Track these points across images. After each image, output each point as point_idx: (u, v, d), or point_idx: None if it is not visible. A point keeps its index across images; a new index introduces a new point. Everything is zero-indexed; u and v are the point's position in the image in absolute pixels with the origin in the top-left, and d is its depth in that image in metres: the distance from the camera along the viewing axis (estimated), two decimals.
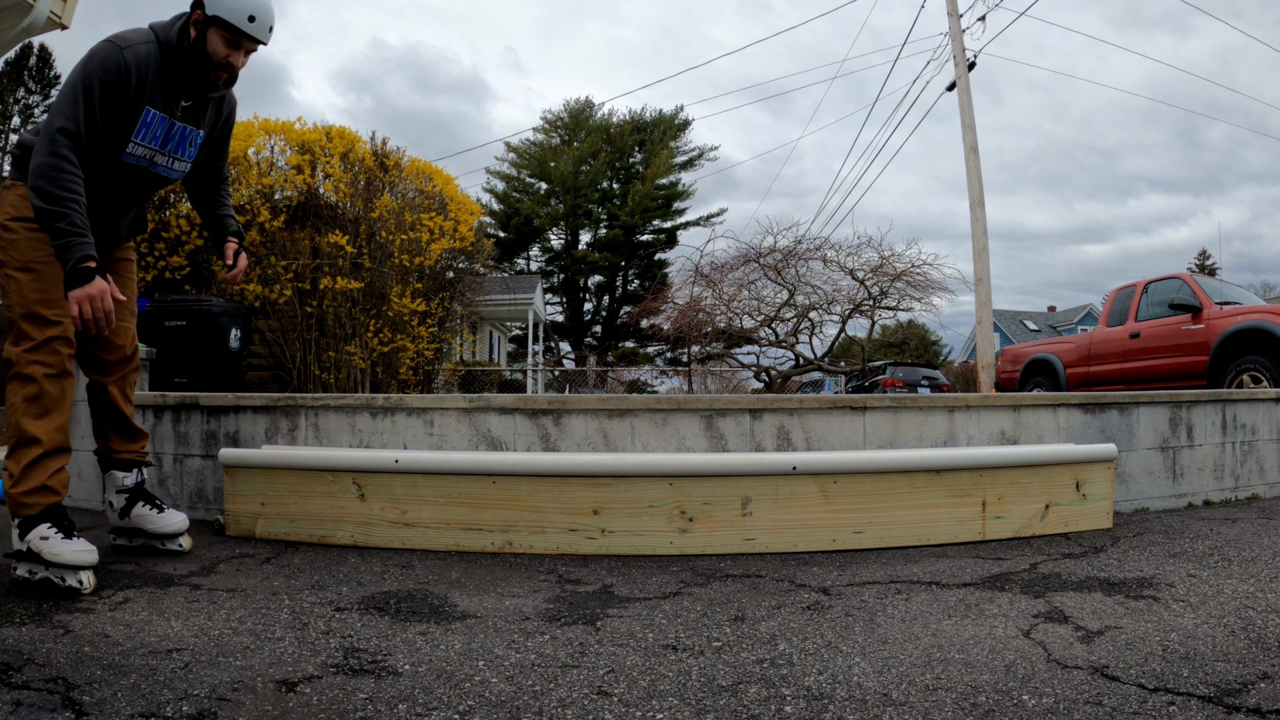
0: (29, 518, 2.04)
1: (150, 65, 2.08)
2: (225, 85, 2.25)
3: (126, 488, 2.48)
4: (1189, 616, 1.77)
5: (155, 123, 2.16)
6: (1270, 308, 6.28)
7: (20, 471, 2.04)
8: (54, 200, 1.96)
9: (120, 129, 2.10)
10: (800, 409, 2.98)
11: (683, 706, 1.34)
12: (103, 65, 2.01)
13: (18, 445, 2.05)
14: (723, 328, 15.62)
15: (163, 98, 2.15)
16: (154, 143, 2.19)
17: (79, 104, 1.99)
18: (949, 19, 11.12)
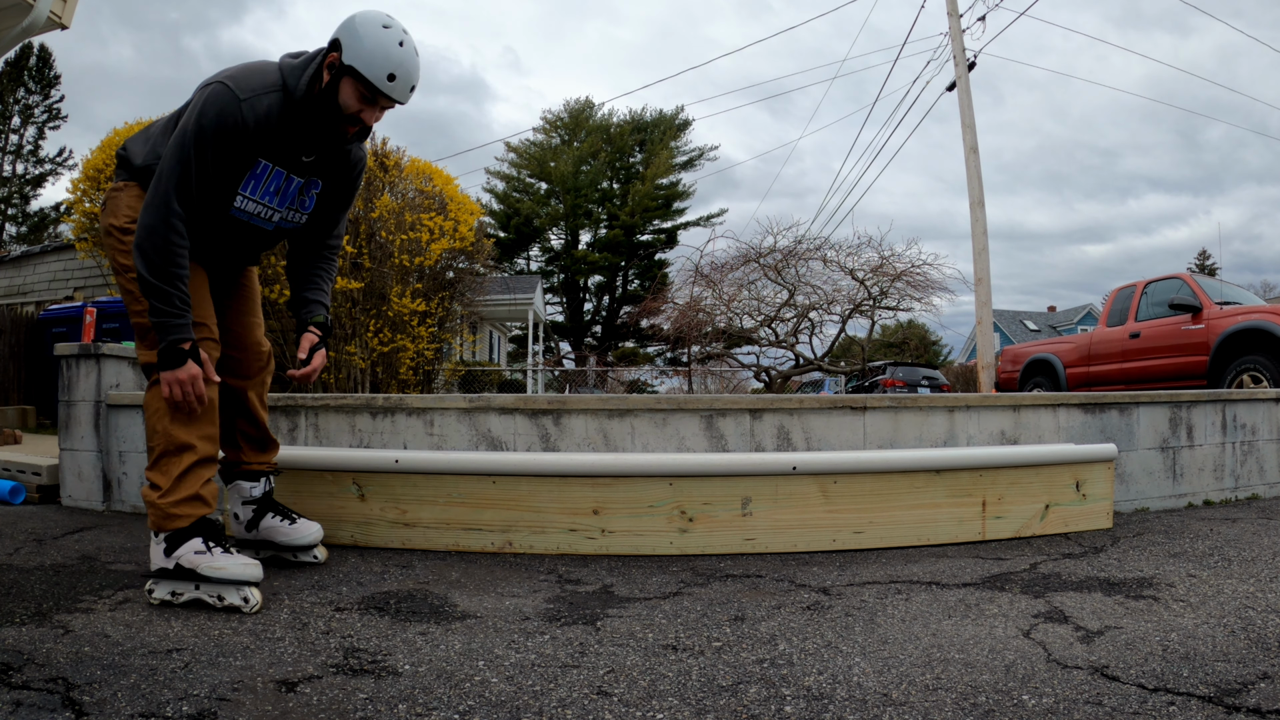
0: (179, 531, 1.89)
1: (272, 119, 1.91)
2: (355, 139, 2.05)
3: (254, 498, 2.31)
4: (1189, 616, 1.77)
5: (269, 176, 1.99)
6: (1270, 308, 6.28)
7: (171, 481, 1.90)
8: (159, 274, 1.84)
9: (229, 181, 1.94)
10: (800, 409, 2.98)
11: (683, 706, 1.33)
12: (218, 119, 1.85)
13: (166, 453, 1.92)
14: (723, 328, 15.62)
15: (283, 151, 1.98)
16: (266, 198, 2.02)
17: (190, 161, 1.85)
18: (949, 19, 11.12)
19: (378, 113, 1.98)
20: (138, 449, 3.33)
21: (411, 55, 1.93)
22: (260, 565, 1.93)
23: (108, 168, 6.25)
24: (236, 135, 1.87)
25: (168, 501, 1.89)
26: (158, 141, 2.00)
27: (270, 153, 1.96)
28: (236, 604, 1.88)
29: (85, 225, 6.49)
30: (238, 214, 2.01)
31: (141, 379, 3.62)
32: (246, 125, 1.87)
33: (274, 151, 1.97)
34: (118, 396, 3.38)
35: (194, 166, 1.86)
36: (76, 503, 3.38)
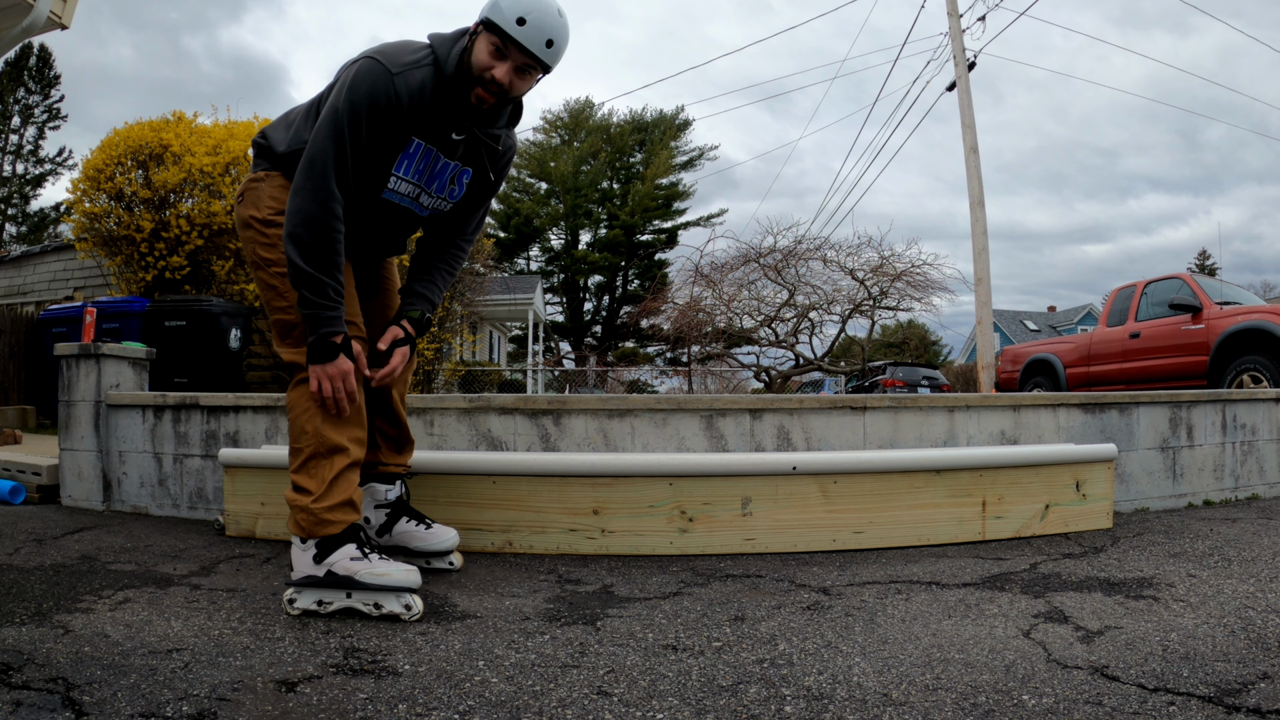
0: (331, 538, 1.81)
1: (426, 93, 1.80)
2: (492, 109, 1.87)
3: (388, 502, 2.20)
4: (1189, 616, 1.77)
5: (420, 156, 1.89)
6: (1270, 308, 6.28)
7: (325, 485, 1.82)
8: (316, 262, 1.75)
9: (382, 162, 1.86)
10: (800, 409, 2.98)
11: (683, 706, 1.33)
12: (370, 94, 1.75)
13: (316, 455, 1.83)
14: (723, 328, 15.62)
15: (434, 128, 1.87)
16: (417, 178, 1.93)
17: (344, 140, 1.76)
18: (949, 19, 11.13)
19: (512, 73, 1.79)
20: (137, 449, 3.33)
21: (551, 9, 1.76)
22: (419, 571, 1.85)
23: (108, 168, 6.25)
24: (390, 111, 1.77)
25: (322, 506, 1.81)
26: (300, 127, 1.92)
27: (423, 130, 1.85)
28: (397, 611, 1.80)
29: (85, 225, 6.48)
30: (390, 196, 1.92)
31: (141, 379, 3.62)
32: (400, 100, 1.77)
33: (426, 129, 1.85)
34: (118, 396, 3.38)
35: (349, 145, 1.76)
36: (76, 503, 3.38)
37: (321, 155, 1.76)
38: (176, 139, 6.23)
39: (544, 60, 1.79)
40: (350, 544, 1.83)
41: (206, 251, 6.31)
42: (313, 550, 1.82)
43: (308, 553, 1.83)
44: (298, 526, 1.83)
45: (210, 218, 6.13)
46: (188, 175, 6.11)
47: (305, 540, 1.83)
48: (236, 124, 6.55)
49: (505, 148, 2.08)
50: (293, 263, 1.77)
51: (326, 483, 1.82)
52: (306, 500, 1.82)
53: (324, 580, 1.81)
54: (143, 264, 6.32)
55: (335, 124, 1.76)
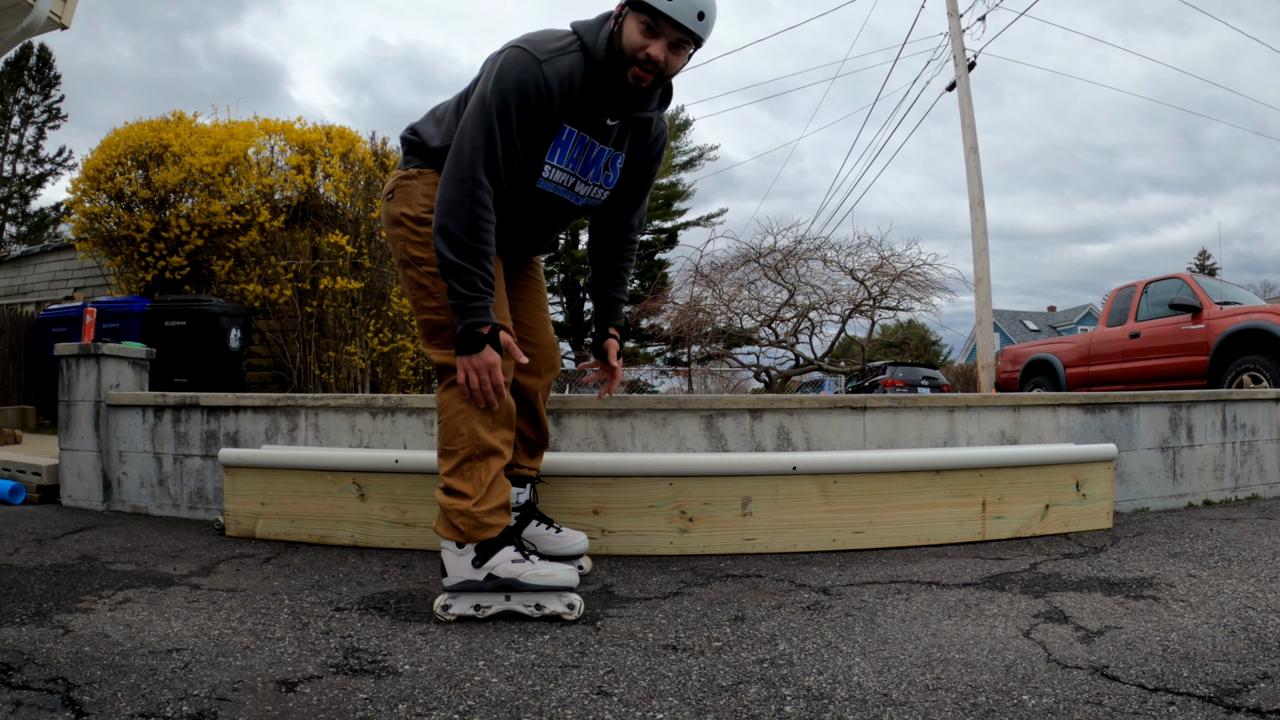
0: (490, 541, 1.80)
1: (575, 79, 1.77)
2: (646, 90, 1.83)
3: (519, 505, 2.16)
4: (1189, 616, 1.77)
5: (573, 143, 1.86)
6: (1270, 308, 6.28)
7: (484, 489, 1.80)
8: (464, 252, 1.73)
9: (535, 152, 1.83)
10: (800, 409, 2.98)
11: (683, 706, 1.33)
12: (518, 84, 1.72)
13: (472, 458, 1.80)
14: (723, 328, 15.62)
15: (585, 114, 1.84)
16: (571, 166, 1.89)
17: (494, 129, 1.74)
18: (949, 19, 11.13)
19: (666, 50, 1.75)
20: (138, 449, 3.33)
21: None
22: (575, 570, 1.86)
23: (108, 168, 6.24)
24: (539, 98, 1.74)
25: (482, 510, 1.79)
26: (451, 121, 1.90)
27: (574, 116, 1.82)
28: (560, 611, 1.80)
29: (85, 225, 6.48)
30: (545, 185, 1.89)
31: (141, 379, 3.62)
32: (549, 87, 1.74)
33: (577, 115, 1.82)
34: (118, 396, 3.38)
35: (499, 135, 1.74)
36: (76, 503, 3.38)
37: (469, 145, 1.74)
38: (176, 139, 6.23)
39: (696, 33, 1.76)
40: (509, 546, 1.82)
41: (206, 251, 6.30)
42: (471, 554, 1.79)
43: (465, 557, 1.80)
44: (455, 531, 1.80)
45: (210, 218, 6.13)
46: (188, 175, 6.11)
47: (462, 545, 1.80)
48: (236, 124, 6.54)
49: (657, 131, 2.03)
50: (440, 254, 1.75)
51: (485, 486, 1.81)
52: (466, 504, 1.79)
53: (484, 584, 1.79)
54: (143, 264, 6.32)
55: (483, 113, 1.74)
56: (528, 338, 2.10)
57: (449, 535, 1.81)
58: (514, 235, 1.98)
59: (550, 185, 1.90)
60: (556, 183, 1.90)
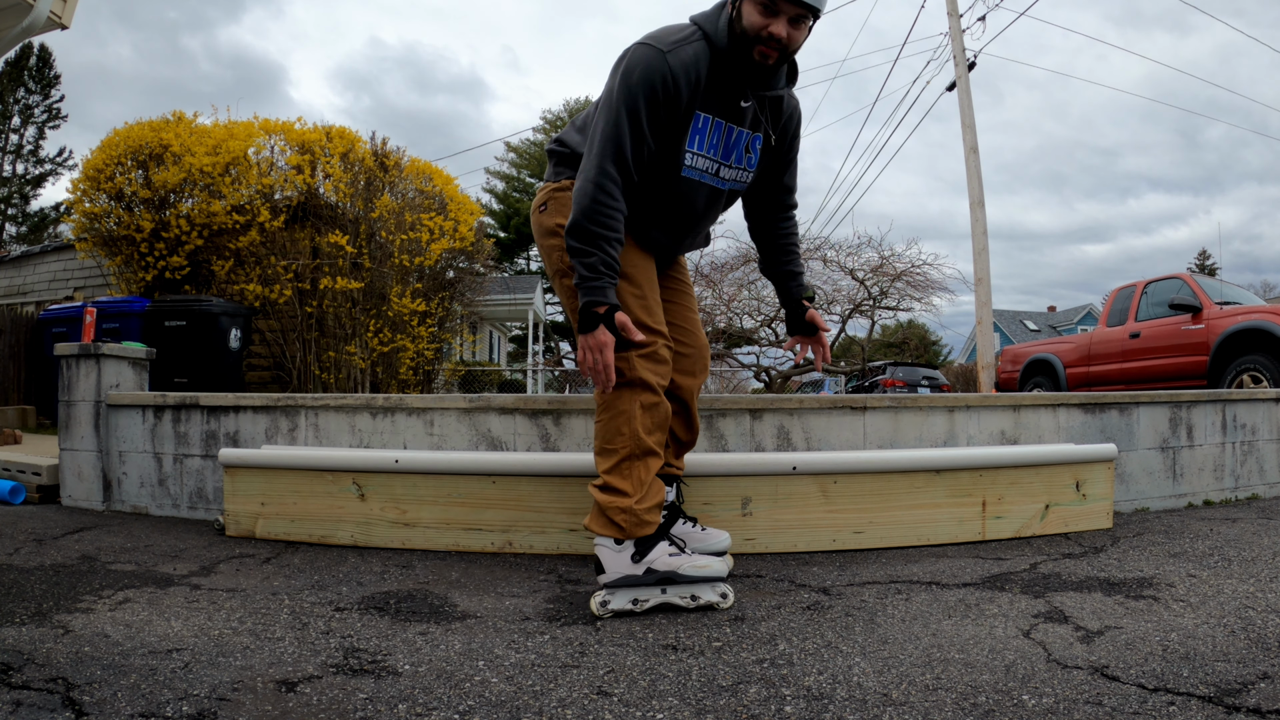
0: (647, 537, 1.85)
1: (700, 66, 1.82)
2: (776, 64, 1.85)
3: (668, 503, 2.18)
4: (1189, 616, 1.77)
5: (710, 129, 1.90)
6: (1270, 308, 6.28)
7: (644, 488, 1.87)
8: (587, 239, 1.79)
9: (673, 143, 1.87)
10: (800, 409, 2.98)
11: (683, 706, 1.33)
12: (645, 78, 1.78)
13: (633, 457, 1.86)
14: (723, 328, 15.62)
15: (717, 100, 1.88)
16: (712, 152, 1.93)
17: (622, 123, 1.79)
18: (949, 19, 11.13)
19: (786, 26, 1.78)
20: (137, 449, 3.33)
21: None
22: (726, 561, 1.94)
23: (108, 168, 6.24)
24: (666, 89, 1.79)
25: (642, 507, 1.84)
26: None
27: (706, 103, 1.87)
28: (714, 601, 1.86)
29: (85, 225, 6.48)
30: (689, 174, 1.93)
31: (141, 379, 3.62)
32: (675, 77, 1.79)
33: (708, 101, 1.87)
34: (118, 396, 3.39)
35: (627, 127, 1.79)
36: (76, 503, 3.38)
37: (599, 139, 1.81)
38: (176, 139, 6.23)
39: (814, 5, 1.79)
40: (664, 541, 1.89)
41: (206, 251, 6.30)
42: (630, 550, 1.85)
43: (624, 553, 1.85)
44: (615, 528, 1.85)
45: (210, 218, 6.13)
46: (188, 175, 6.11)
47: (621, 541, 1.85)
48: (236, 124, 6.54)
49: (790, 108, 2.06)
50: (570, 244, 1.82)
51: (645, 485, 1.87)
52: (628, 501, 1.84)
53: (642, 579, 1.85)
54: (143, 264, 6.32)
55: (612, 108, 1.80)
56: (682, 339, 2.14)
57: (607, 532, 1.86)
58: (668, 227, 2.03)
59: (694, 173, 1.94)
60: (700, 170, 1.94)
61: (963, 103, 10.84)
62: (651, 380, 1.87)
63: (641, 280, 1.95)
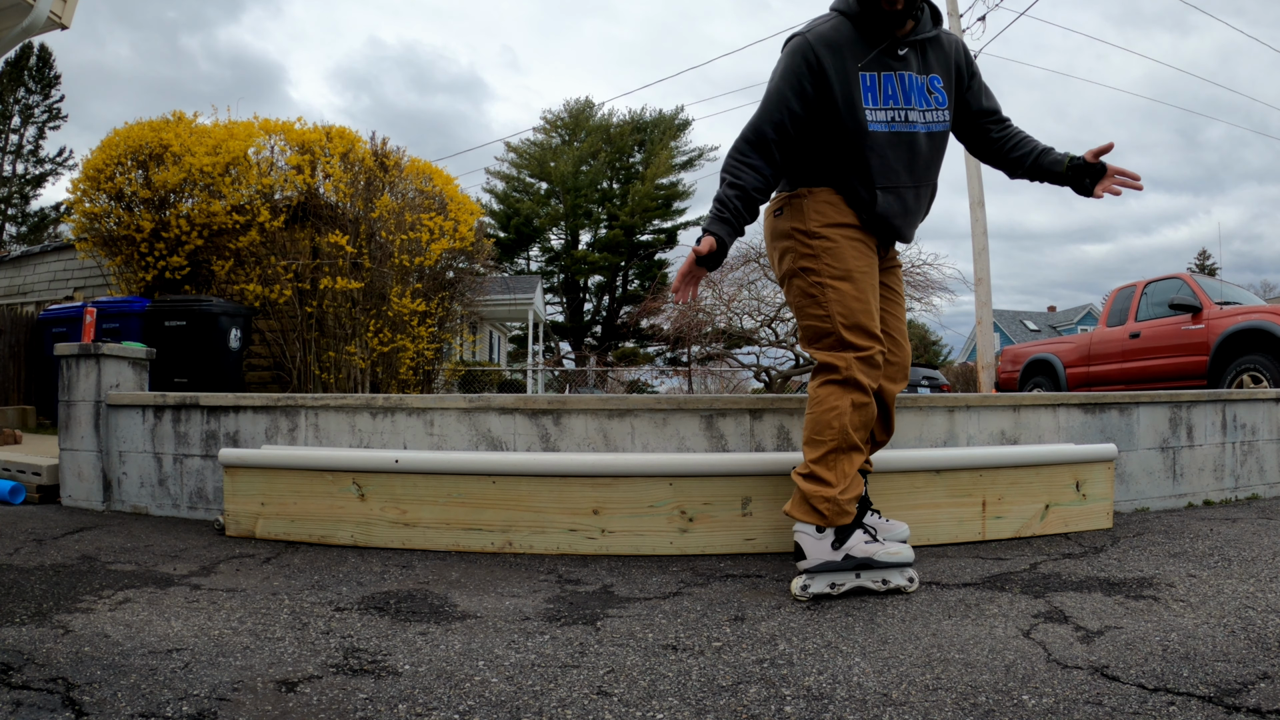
0: (846, 526, 1.98)
1: (840, 34, 2.02)
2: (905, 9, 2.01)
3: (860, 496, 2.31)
4: (1189, 616, 1.77)
5: (879, 84, 2.05)
6: (1270, 308, 6.28)
7: (847, 479, 1.99)
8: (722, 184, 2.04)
9: (849, 106, 2.02)
10: (800, 409, 2.98)
11: (683, 706, 1.33)
12: (790, 60, 2.02)
13: (839, 450, 1.99)
14: (723, 328, 15.63)
15: (874, 59, 2.04)
16: (890, 102, 2.05)
17: (783, 95, 2.01)
18: (949, 19, 11.13)
19: None
20: (138, 449, 3.33)
21: None
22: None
23: (108, 168, 6.24)
24: (808, 61, 1.99)
25: (845, 498, 1.97)
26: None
27: (866, 65, 2.03)
28: (901, 585, 2.00)
29: (85, 225, 6.47)
30: (877, 127, 2.04)
31: (141, 379, 3.62)
32: (815, 49, 1.99)
33: (868, 63, 2.03)
34: (118, 396, 3.38)
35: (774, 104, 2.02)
36: (76, 503, 3.38)
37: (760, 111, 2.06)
38: (176, 139, 6.22)
39: None
40: (859, 530, 2.01)
41: (206, 251, 6.30)
42: (830, 537, 1.98)
43: (825, 540, 1.98)
44: (818, 515, 1.97)
45: (210, 218, 6.12)
46: (188, 175, 6.11)
47: (822, 529, 1.98)
48: (236, 124, 6.54)
49: (950, 43, 2.18)
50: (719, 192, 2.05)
51: (848, 477, 1.99)
52: (832, 491, 1.97)
53: (840, 564, 1.98)
54: (143, 264, 6.31)
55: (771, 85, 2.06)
56: (891, 348, 2.22)
57: (809, 519, 1.99)
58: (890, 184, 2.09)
59: (881, 125, 2.05)
60: (885, 120, 2.05)
61: None
62: (865, 382, 2.00)
63: (865, 285, 2.06)
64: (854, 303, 2.03)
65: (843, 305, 2.02)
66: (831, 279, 2.03)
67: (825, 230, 2.06)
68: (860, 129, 2.03)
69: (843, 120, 2.02)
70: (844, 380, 2.00)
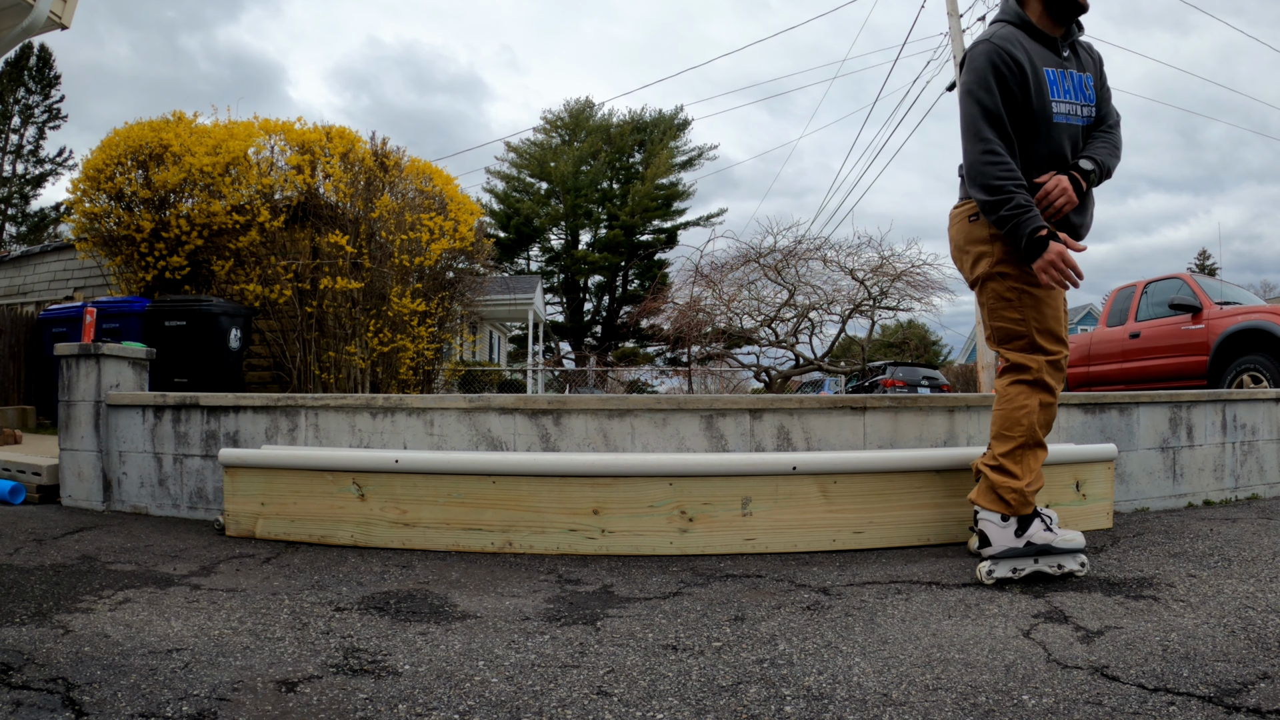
0: (1027, 516, 2.12)
1: (1018, 38, 2.17)
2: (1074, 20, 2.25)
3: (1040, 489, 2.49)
4: (1189, 616, 1.77)
5: (1060, 79, 2.21)
6: (1270, 308, 6.28)
7: (1033, 473, 2.14)
8: (990, 189, 2.07)
9: (1040, 100, 2.16)
10: (800, 409, 2.98)
11: (683, 706, 1.33)
12: (986, 62, 2.13)
13: (1026, 446, 2.14)
14: (723, 328, 15.61)
15: (1047, 59, 2.20)
16: (1068, 95, 2.23)
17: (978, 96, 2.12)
18: (949, 19, 11.13)
19: None
20: (138, 449, 3.33)
21: None
22: None
23: (108, 168, 6.24)
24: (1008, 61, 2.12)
25: (1031, 490, 2.12)
26: None
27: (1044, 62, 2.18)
28: (1074, 569, 2.13)
29: (85, 225, 6.47)
30: (1061, 119, 2.19)
31: (141, 379, 3.62)
32: (1004, 50, 2.13)
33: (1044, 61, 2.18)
34: (118, 396, 3.38)
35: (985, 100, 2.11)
36: (76, 503, 3.38)
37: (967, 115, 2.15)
38: (176, 139, 6.22)
39: None
40: (1038, 519, 2.13)
41: (206, 251, 6.30)
42: (1014, 526, 2.12)
43: (1008, 529, 2.12)
44: (1004, 504, 2.13)
45: (210, 218, 6.12)
46: (188, 175, 6.11)
47: (1007, 518, 2.12)
48: (236, 124, 6.53)
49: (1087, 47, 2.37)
50: (981, 202, 2.11)
51: (1034, 471, 2.15)
52: (1019, 484, 2.12)
53: (1022, 550, 2.11)
54: (143, 264, 6.31)
55: (969, 95, 2.15)
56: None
57: (995, 508, 2.14)
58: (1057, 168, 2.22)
59: (1063, 116, 2.21)
60: (1065, 113, 2.22)
61: None
62: (1052, 384, 2.16)
63: (1057, 292, 2.19)
64: (1047, 309, 2.16)
65: (1037, 311, 2.15)
66: (1028, 285, 2.14)
67: None
68: (1049, 121, 2.18)
69: (1039, 112, 2.16)
70: (1033, 381, 2.15)
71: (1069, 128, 2.23)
